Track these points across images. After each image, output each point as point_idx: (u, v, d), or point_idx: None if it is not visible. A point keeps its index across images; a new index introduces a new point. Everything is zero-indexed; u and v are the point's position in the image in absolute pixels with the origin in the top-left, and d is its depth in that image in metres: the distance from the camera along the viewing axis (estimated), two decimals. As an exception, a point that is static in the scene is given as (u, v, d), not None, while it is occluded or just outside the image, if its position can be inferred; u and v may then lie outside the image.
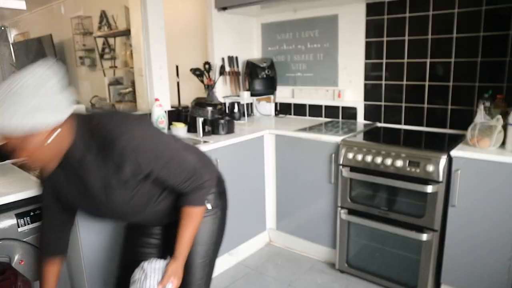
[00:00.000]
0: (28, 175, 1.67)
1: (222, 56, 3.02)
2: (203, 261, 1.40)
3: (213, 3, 2.90)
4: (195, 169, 1.24)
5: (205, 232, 1.40)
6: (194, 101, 2.39)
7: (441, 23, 2.32)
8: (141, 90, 2.65)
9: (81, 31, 4.40)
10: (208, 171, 1.31)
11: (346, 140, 2.23)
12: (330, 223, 2.40)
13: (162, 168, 1.16)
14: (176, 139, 1.38)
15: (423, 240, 1.98)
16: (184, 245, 1.28)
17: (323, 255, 2.53)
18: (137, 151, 1.09)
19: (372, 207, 2.15)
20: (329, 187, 2.35)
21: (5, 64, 5.25)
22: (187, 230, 1.27)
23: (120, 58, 3.97)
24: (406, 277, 2.11)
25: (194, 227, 1.29)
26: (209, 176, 1.29)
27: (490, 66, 2.19)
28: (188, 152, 1.32)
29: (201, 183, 1.25)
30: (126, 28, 3.45)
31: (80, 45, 4.49)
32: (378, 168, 2.06)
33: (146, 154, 1.11)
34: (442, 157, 1.86)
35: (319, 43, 2.92)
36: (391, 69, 2.58)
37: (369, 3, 2.59)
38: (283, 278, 2.36)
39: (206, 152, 1.46)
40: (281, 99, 3.21)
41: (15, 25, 5.71)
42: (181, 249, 1.28)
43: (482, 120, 1.87)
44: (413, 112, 2.53)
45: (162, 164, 1.15)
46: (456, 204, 1.87)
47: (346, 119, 2.85)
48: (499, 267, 1.81)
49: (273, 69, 3.10)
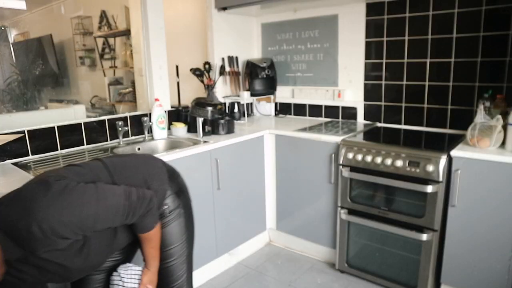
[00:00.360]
0: (28, 175, 1.67)
1: (222, 56, 3.02)
2: (179, 261, 1.44)
3: (213, 3, 2.90)
4: (130, 203, 1.18)
5: (173, 234, 1.42)
6: (194, 101, 2.39)
7: (441, 23, 2.32)
8: (141, 90, 2.65)
9: (81, 31, 4.40)
10: (147, 193, 1.24)
11: (346, 140, 2.23)
12: (330, 223, 2.40)
13: (94, 225, 1.11)
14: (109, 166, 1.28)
15: (423, 240, 1.98)
16: (151, 258, 1.34)
17: (323, 255, 2.53)
18: (55, 231, 1.02)
19: (372, 207, 2.15)
20: (329, 187, 2.35)
21: (5, 64, 5.24)
22: (148, 248, 1.32)
23: (120, 58, 3.97)
24: (406, 277, 2.11)
25: (155, 244, 1.33)
26: (149, 197, 1.23)
27: (490, 66, 2.19)
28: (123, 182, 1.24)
29: (143, 211, 1.22)
30: (126, 28, 3.45)
31: (80, 45, 4.48)
32: (378, 168, 2.07)
33: (66, 228, 1.04)
34: (442, 157, 1.86)
35: (319, 43, 2.92)
36: (391, 69, 2.58)
37: (369, 3, 2.59)
38: (283, 278, 2.36)
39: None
40: (281, 99, 3.21)
41: (15, 25, 5.70)
42: (151, 262, 1.35)
43: (482, 120, 1.87)
44: (413, 112, 2.53)
45: (92, 223, 1.10)
46: (456, 204, 1.87)
47: (346, 119, 2.85)
48: (499, 267, 1.81)
49: (273, 69, 3.10)
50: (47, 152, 2.05)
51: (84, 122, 2.20)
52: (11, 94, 4.95)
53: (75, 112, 2.51)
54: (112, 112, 3.66)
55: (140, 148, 2.32)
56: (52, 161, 1.93)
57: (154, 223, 1.28)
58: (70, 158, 1.97)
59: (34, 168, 1.80)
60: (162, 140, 2.41)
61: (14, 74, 5.08)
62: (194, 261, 2.25)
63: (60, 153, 2.08)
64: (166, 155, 1.97)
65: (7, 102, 4.87)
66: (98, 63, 4.36)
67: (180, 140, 2.36)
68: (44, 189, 1.05)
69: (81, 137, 2.19)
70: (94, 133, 2.24)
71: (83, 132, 2.19)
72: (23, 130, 1.96)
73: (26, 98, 4.89)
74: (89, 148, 2.19)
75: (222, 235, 2.37)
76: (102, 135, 2.29)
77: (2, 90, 4.96)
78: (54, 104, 4.23)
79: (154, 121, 2.38)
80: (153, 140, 2.40)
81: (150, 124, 2.39)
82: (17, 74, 5.08)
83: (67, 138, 2.12)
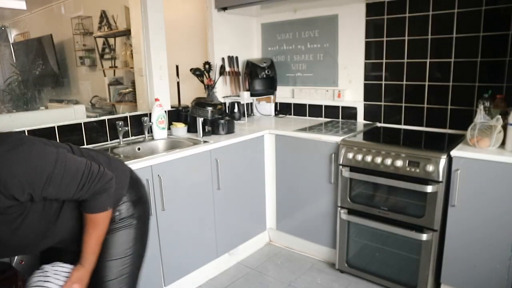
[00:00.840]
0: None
1: (222, 56, 3.02)
2: (117, 280, 1.26)
3: (213, 3, 2.90)
4: (90, 172, 1.12)
5: (117, 244, 1.27)
6: (194, 101, 2.39)
7: (441, 23, 2.32)
8: (141, 90, 2.65)
9: (81, 31, 4.40)
10: (109, 173, 1.19)
11: (346, 140, 2.23)
12: (330, 223, 2.40)
13: (47, 186, 1.03)
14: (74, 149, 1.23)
15: (423, 240, 1.98)
16: (90, 252, 1.20)
17: (323, 255, 2.53)
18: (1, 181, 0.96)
19: (372, 207, 2.15)
20: (329, 187, 2.35)
21: (5, 64, 5.25)
22: (91, 237, 1.19)
23: (120, 58, 3.97)
24: (406, 277, 2.11)
25: (99, 234, 1.21)
26: (110, 176, 1.18)
27: (490, 66, 2.19)
28: (86, 158, 1.19)
29: (100, 187, 1.15)
30: (126, 28, 3.45)
31: (80, 45, 4.48)
32: (378, 168, 2.07)
33: (15, 180, 0.97)
34: (442, 157, 1.86)
35: (319, 43, 2.92)
36: (391, 69, 2.58)
37: (369, 3, 2.59)
38: (283, 278, 2.36)
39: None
40: (281, 99, 3.21)
41: (15, 25, 5.70)
42: (87, 256, 1.20)
43: (482, 120, 1.87)
44: (413, 112, 2.53)
45: (44, 182, 1.03)
46: (456, 204, 1.87)
47: (346, 119, 2.85)
48: (499, 267, 1.81)
49: (273, 69, 3.11)
50: (47, 152, 2.05)
51: (84, 122, 2.20)
52: (11, 94, 4.96)
53: (75, 112, 2.51)
54: (112, 112, 3.66)
55: (140, 148, 2.32)
56: (52, 161, 1.93)
57: (107, 205, 1.19)
58: (70, 158, 1.97)
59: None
60: (162, 140, 2.41)
61: (14, 74, 5.08)
62: (194, 261, 2.26)
63: (60, 153, 2.08)
64: (166, 155, 1.97)
65: (7, 102, 4.88)
66: (98, 63, 4.36)
67: (180, 140, 2.36)
68: (2, 139, 1.01)
69: (81, 137, 2.19)
70: (94, 133, 2.25)
71: (83, 132, 2.19)
72: (23, 130, 1.96)
73: (26, 98, 4.89)
74: (89, 148, 2.19)
75: (222, 235, 2.37)
76: (102, 135, 2.29)
77: (2, 90, 4.97)
78: (54, 104, 4.23)
79: (154, 121, 2.38)
80: (153, 140, 2.40)
81: (150, 124, 2.39)
82: (17, 74, 5.08)
83: (67, 138, 2.12)
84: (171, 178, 2.00)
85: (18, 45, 5.39)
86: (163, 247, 2.02)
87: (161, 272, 2.04)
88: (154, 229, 1.96)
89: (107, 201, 1.19)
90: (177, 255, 2.11)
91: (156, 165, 1.92)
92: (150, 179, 1.89)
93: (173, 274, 2.11)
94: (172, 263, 2.09)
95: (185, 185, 2.09)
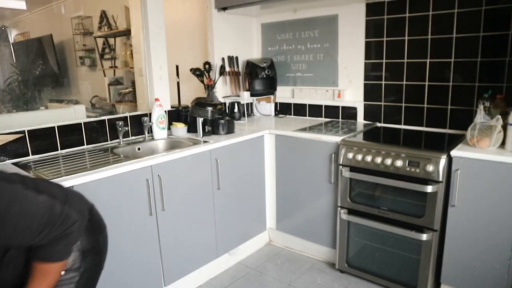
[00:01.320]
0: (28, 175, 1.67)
1: (222, 56, 3.02)
2: None
3: (213, 3, 2.90)
4: (50, 215, 0.94)
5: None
6: (194, 101, 2.39)
7: (441, 23, 2.32)
8: (141, 90, 2.65)
9: (81, 31, 4.40)
10: (73, 214, 1.00)
11: (346, 140, 2.23)
12: (330, 223, 2.40)
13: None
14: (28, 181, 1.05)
15: (423, 240, 1.98)
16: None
17: (323, 255, 2.53)
18: None
19: (372, 207, 2.15)
20: (329, 187, 2.35)
21: (5, 64, 5.25)
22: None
23: (120, 58, 3.97)
24: (406, 277, 2.11)
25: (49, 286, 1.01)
26: (73, 219, 0.99)
27: (490, 66, 2.19)
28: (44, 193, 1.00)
29: (61, 231, 0.97)
30: (126, 28, 3.45)
31: (80, 45, 4.49)
32: (378, 168, 2.07)
33: None
34: (442, 157, 1.86)
35: (319, 43, 2.92)
36: (391, 69, 2.58)
37: (369, 3, 2.59)
38: (283, 278, 2.37)
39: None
40: (281, 99, 3.21)
41: (15, 25, 5.70)
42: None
43: (482, 120, 1.87)
44: (413, 112, 2.53)
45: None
46: (456, 204, 1.87)
47: (346, 119, 2.85)
48: (499, 267, 1.81)
49: (273, 69, 3.11)
50: (47, 152, 2.05)
51: (84, 122, 2.20)
52: (11, 94, 4.96)
53: (75, 112, 2.51)
54: (112, 112, 3.66)
55: (140, 148, 2.32)
56: (52, 161, 1.93)
57: (64, 254, 1.01)
58: (70, 158, 1.97)
59: (34, 168, 1.80)
60: (162, 140, 2.41)
61: (14, 74, 5.08)
62: (194, 261, 2.26)
63: (60, 153, 2.08)
64: (166, 155, 1.98)
65: (7, 102, 4.88)
66: (98, 63, 4.36)
67: (180, 140, 2.36)
68: None
69: (81, 137, 2.19)
70: (94, 133, 2.25)
71: (83, 132, 2.19)
72: (23, 130, 1.96)
73: (26, 98, 4.90)
74: (89, 148, 2.19)
75: (222, 235, 2.37)
76: (102, 135, 2.29)
77: (2, 90, 4.97)
78: (54, 104, 4.24)
79: (154, 121, 2.38)
80: (153, 140, 2.40)
81: (150, 124, 2.39)
82: (17, 74, 5.08)
83: (67, 138, 2.12)
84: (171, 178, 2.00)
85: (18, 45, 5.39)
86: (163, 247, 2.02)
87: (161, 272, 2.04)
88: (154, 229, 1.96)
89: (65, 249, 1.01)
90: (177, 255, 2.11)
91: (156, 165, 1.92)
92: (150, 179, 1.90)
93: (173, 274, 2.11)
94: (172, 263, 2.09)
95: (185, 185, 2.09)
